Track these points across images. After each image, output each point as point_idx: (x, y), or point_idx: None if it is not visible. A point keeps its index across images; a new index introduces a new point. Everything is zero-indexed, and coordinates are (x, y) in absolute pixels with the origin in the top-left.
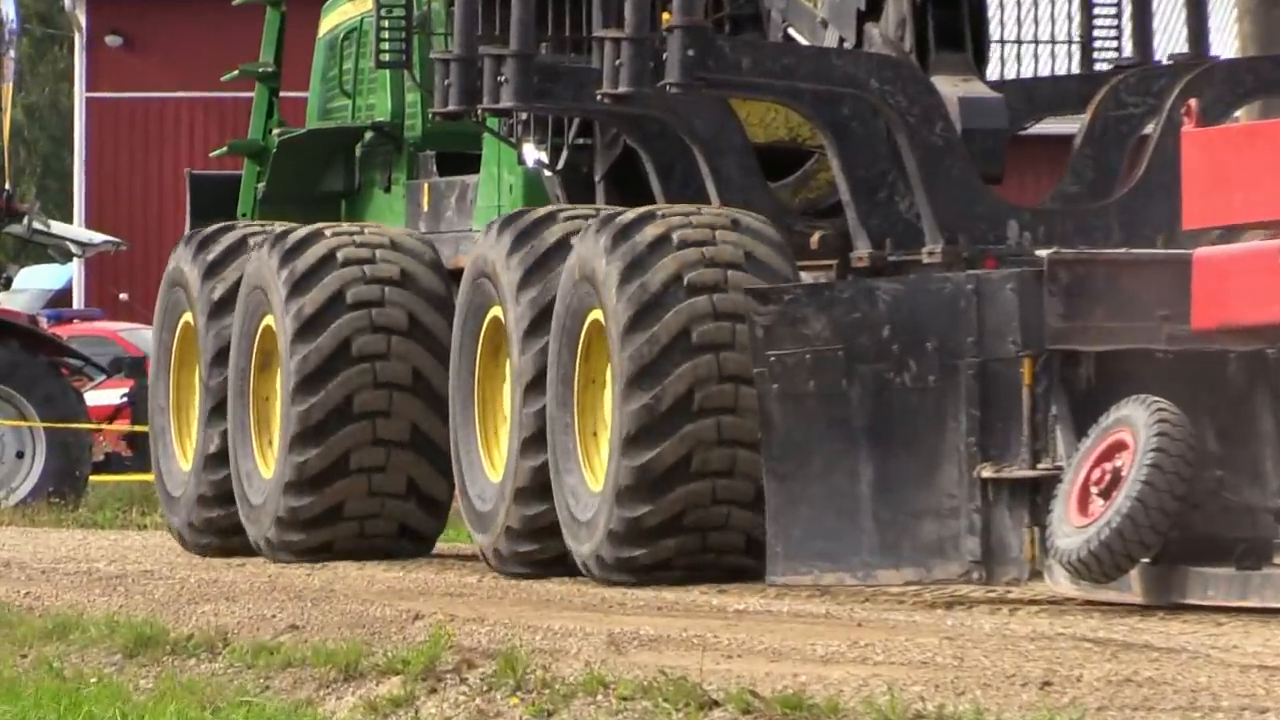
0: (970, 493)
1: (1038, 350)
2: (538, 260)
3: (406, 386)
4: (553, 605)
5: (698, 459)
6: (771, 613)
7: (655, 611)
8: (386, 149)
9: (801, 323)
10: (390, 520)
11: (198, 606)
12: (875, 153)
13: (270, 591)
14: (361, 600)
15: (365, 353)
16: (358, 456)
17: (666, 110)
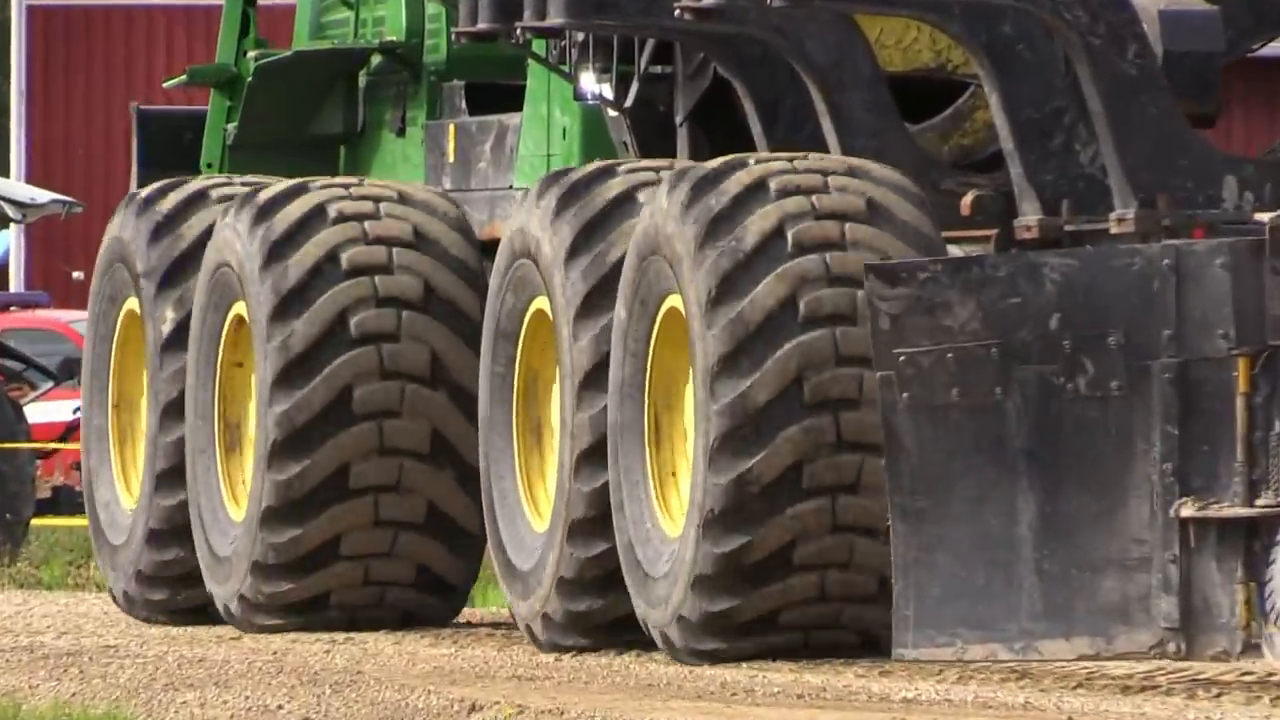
0: (1165, 538)
1: (1257, 347)
2: (590, 224)
3: (423, 378)
4: (656, 692)
5: (808, 473)
6: (951, 702)
7: (794, 700)
8: (400, 78)
9: (941, 310)
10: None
11: (177, 694)
12: (1049, 86)
13: (275, 674)
14: (398, 686)
15: (367, 332)
16: (359, 473)
17: (770, 29)
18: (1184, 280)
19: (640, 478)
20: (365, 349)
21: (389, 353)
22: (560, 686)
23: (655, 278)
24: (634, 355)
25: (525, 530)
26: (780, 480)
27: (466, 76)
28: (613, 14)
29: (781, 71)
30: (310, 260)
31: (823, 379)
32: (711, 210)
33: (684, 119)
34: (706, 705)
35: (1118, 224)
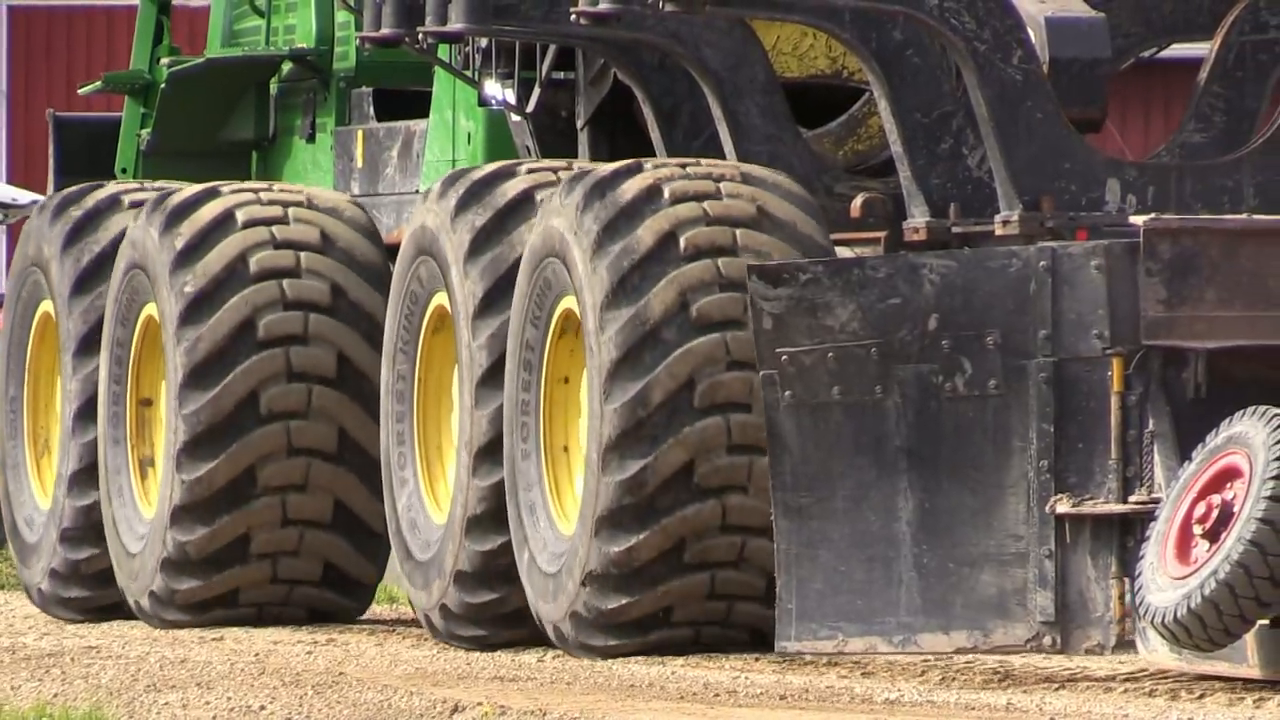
0: (1041, 534)
1: (1131, 347)
2: (489, 224)
3: (329, 379)
4: (638, 693)
5: (699, 473)
6: (934, 704)
7: (777, 701)
8: (310, 85)
9: (823, 310)
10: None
11: (159, 695)
12: (937, 91)
13: (258, 675)
14: (381, 687)
15: (275, 335)
16: (261, 539)
17: (667, 36)
18: (1060, 281)
19: (535, 478)
20: (273, 351)
21: (296, 355)
22: (542, 687)
23: (550, 281)
24: (529, 356)
25: (425, 523)
26: (672, 480)
27: (375, 83)
28: (512, 20)
29: (680, 78)
30: (219, 264)
31: (713, 382)
32: (606, 215)
33: (585, 124)
34: (689, 706)
35: (1003, 226)
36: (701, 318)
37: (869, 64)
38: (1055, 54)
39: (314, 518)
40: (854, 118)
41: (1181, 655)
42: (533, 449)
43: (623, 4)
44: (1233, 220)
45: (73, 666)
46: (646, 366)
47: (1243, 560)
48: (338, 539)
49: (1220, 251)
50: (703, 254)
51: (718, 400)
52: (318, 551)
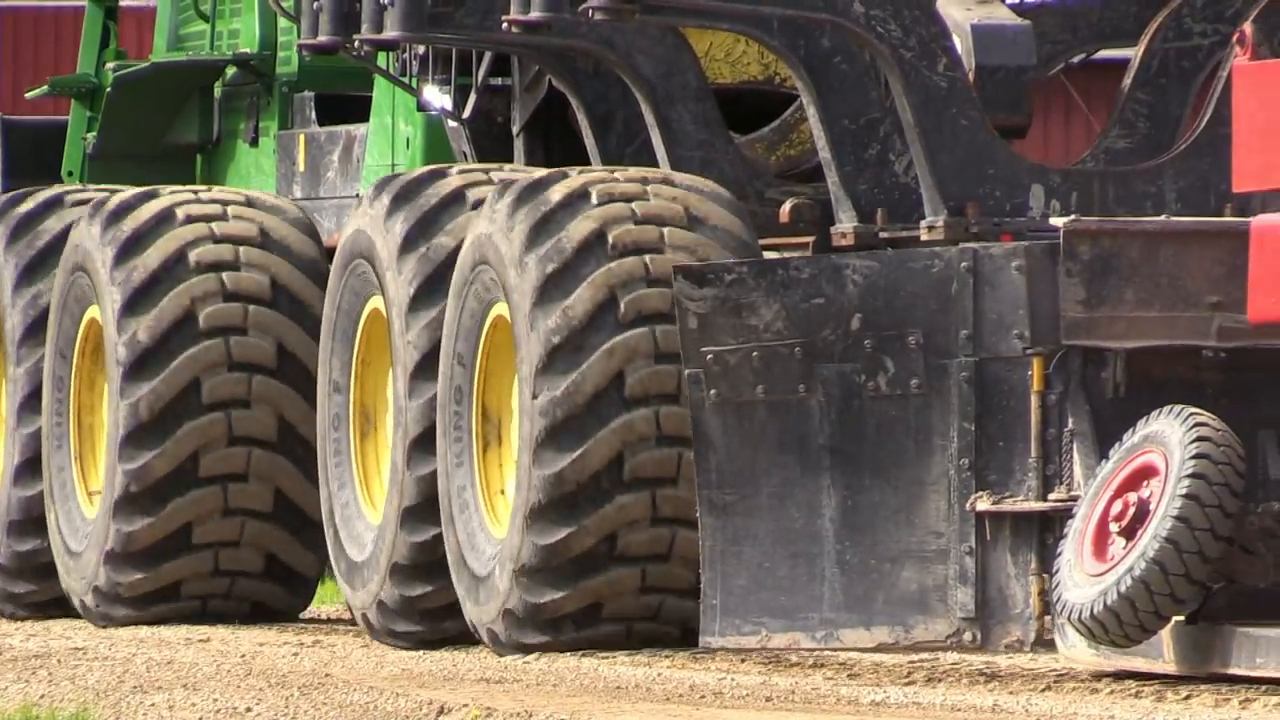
0: (962, 531)
1: (1051, 347)
2: (422, 220)
3: (270, 369)
4: (625, 694)
5: (629, 466)
6: (920, 705)
7: (763, 703)
8: (253, 90)
9: (747, 310)
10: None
11: (146, 696)
12: (865, 98)
13: (244, 676)
14: (367, 688)
15: (215, 325)
16: (203, 530)
17: (600, 42)
18: (981, 282)
19: (468, 480)
20: (213, 341)
21: (236, 345)
22: (528, 689)
23: (482, 288)
24: (462, 362)
25: (360, 523)
26: (602, 473)
27: (317, 88)
28: (447, 27)
29: (614, 84)
30: (159, 258)
31: (642, 375)
32: (535, 216)
33: (520, 129)
34: (675, 708)
35: (928, 231)
36: (629, 312)
37: (797, 71)
38: (981, 61)
39: (255, 507)
40: (786, 124)
41: (1099, 651)
42: (465, 455)
43: (553, 12)
44: (1151, 222)
45: (59, 668)
46: (575, 361)
47: (1158, 557)
48: (279, 530)
49: (1139, 253)
50: (630, 251)
51: (647, 393)
52: (259, 542)
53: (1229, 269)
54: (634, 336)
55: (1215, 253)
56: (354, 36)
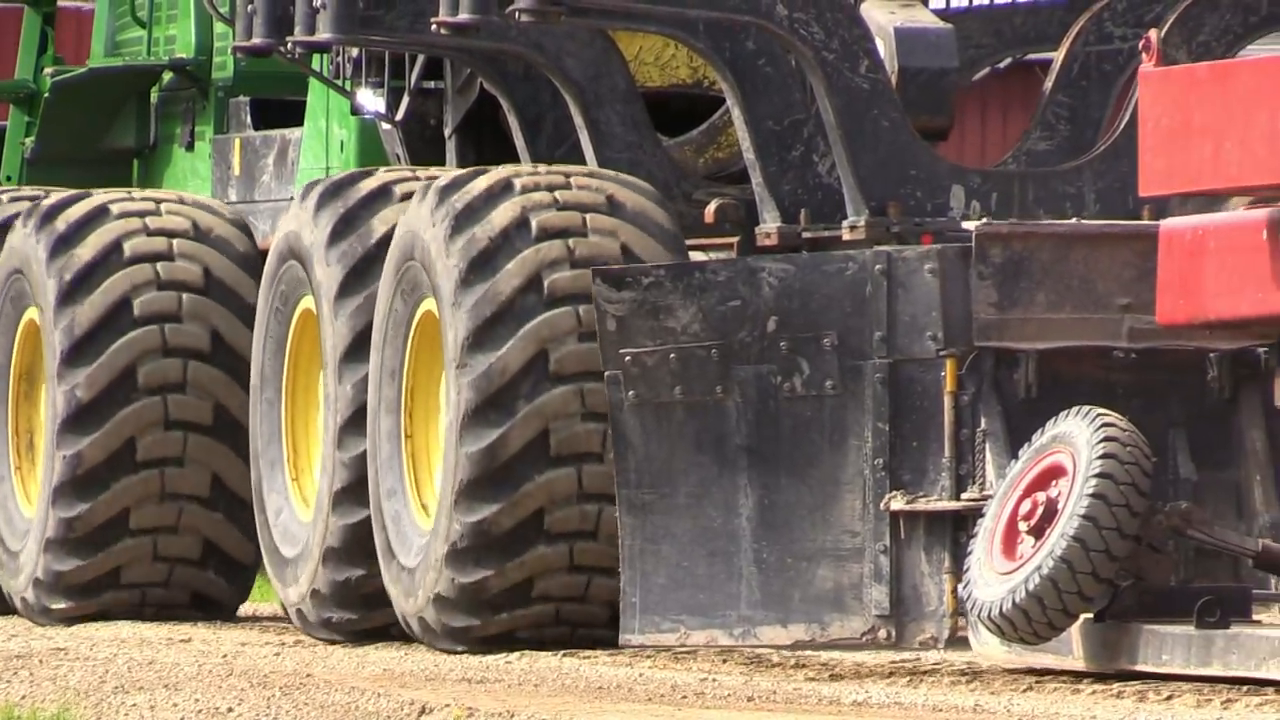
0: (877, 529)
1: (964, 348)
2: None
3: (204, 355)
4: (606, 694)
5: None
6: (901, 705)
7: (745, 703)
8: (189, 94)
9: (665, 313)
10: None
11: (128, 697)
12: (788, 100)
13: (225, 677)
14: (348, 689)
15: (150, 313)
16: (141, 514)
17: (530, 45)
18: (895, 285)
19: (397, 479)
20: (148, 328)
21: (171, 331)
22: (510, 689)
23: (411, 284)
24: (392, 358)
25: (291, 519)
26: (528, 449)
27: (252, 92)
28: (379, 30)
29: (544, 87)
30: (94, 250)
31: (565, 353)
32: (459, 205)
33: (452, 132)
34: (657, 708)
35: (850, 231)
36: (553, 293)
37: (722, 73)
38: (904, 64)
39: (192, 492)
40: (714, 126)
41: (1010, 648)
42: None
43: (480, 14)
44: (1062, 225)
45: (40, 668)
46: (500, 340)
47: (1066, 556)
48: (216, 515)
49: (1050, 255)
50: (553, 235)
51: (570, 370)
52: (196, 527)
53: (1139, 271)
54: (557, 315)
55: (1125, 255)
56: (287, 39)
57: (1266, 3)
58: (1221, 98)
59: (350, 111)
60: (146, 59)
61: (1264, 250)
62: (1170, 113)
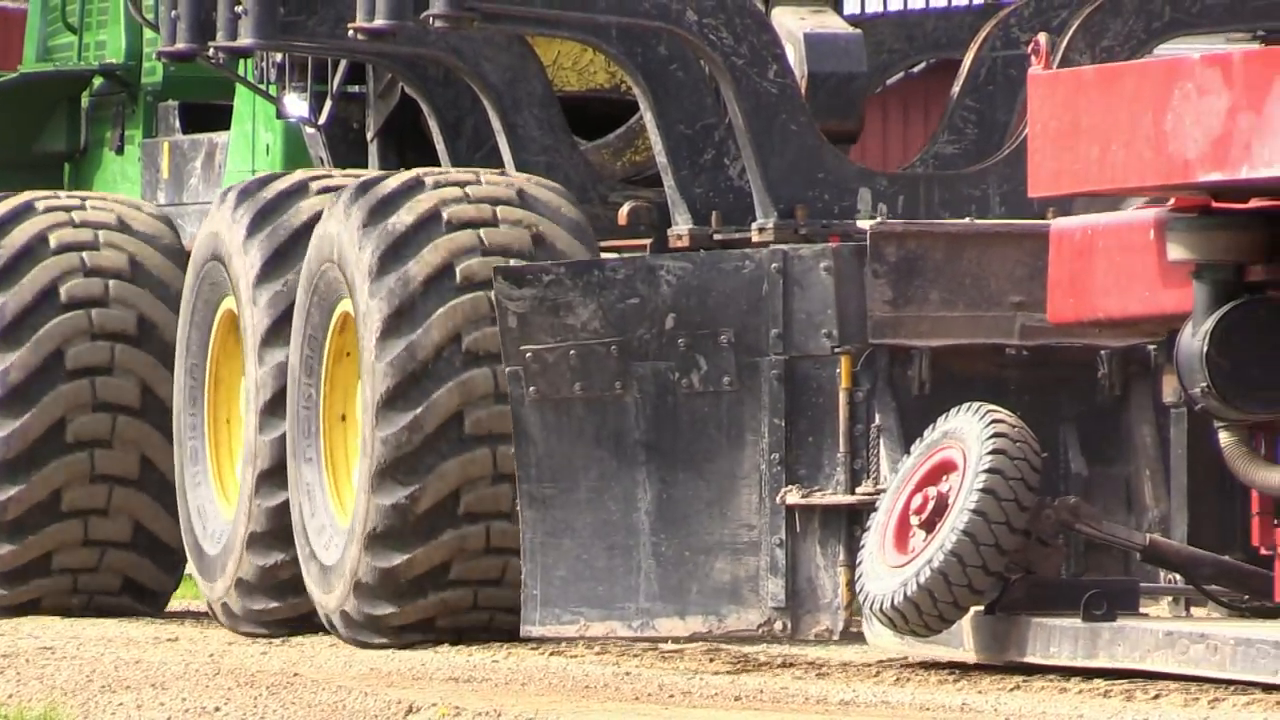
0: (773, 523)
1: (859, 346)
2: (266, 206)
3: (131, 338)
4: (593, 693)
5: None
6: (889, 704)
7: (732, 702)
8: (119, 99)
9: (565, 310)
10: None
11: (114, 696)
12: (700, 104)
13: (213, 676)
14: (335, 688)
15: (76, 298)
16: (72, 496)
17: (448, 50)
18: (791, 283)
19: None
20: (75, 314)
21: (99, 315)
22: (497, 688)
23: (329, 283)
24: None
25: (213, 517)
26: (443, 431)
27: (181, 97)
28: (300, 35)
29: (464, 91)
30: (21, 240)
31: (479, 336)
32: (372, 202)
33: (374, 135)
34: (644, 707)
35: (759, 234)
36: (465, 279)
37: (635, 78)
38: (813, 69)
39: (122, 474)
40: (631, 130)
41: (903, 640)
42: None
43: (396, 19)
44: (955, 225)
45: (27, 667)
46: (414, 326)
47: (956, 549)
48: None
49: (944, 254)
50: (464, 226)
51: (484, 352)
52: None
53: (1031, 270)
54: (470, 300)
55: (1017, 254)
56: (210, 44)
57: (1169, 8)
58: (1108, 100)
59: (276, 116)
60: (77, 64)
61: (1151, 250)
62: (1058, 115)
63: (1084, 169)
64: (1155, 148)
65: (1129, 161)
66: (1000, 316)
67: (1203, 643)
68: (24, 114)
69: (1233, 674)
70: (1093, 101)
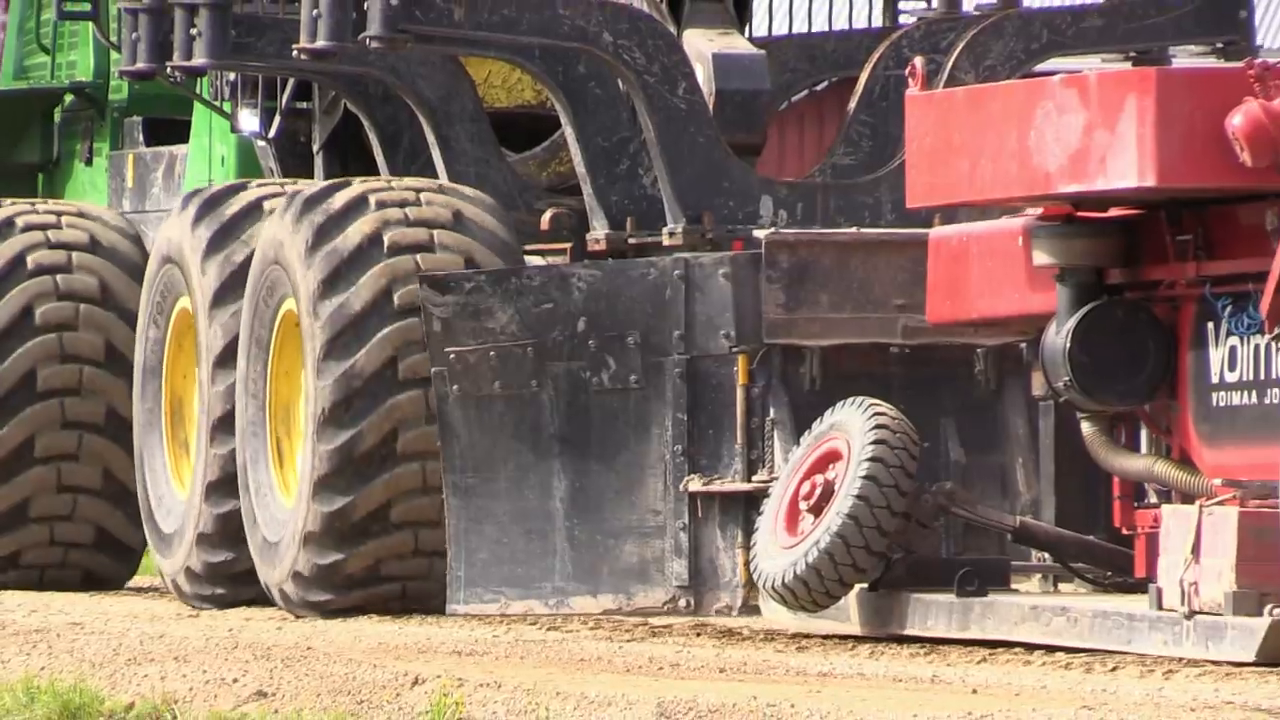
0: (676, 509)
1: (754, 345)
2: (226, 241)
3: (94, 299)
4: (588, 666)
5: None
6: (864, 676)
7: (717, 674)
8: (88, 115)
9: (485, 315)
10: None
11: (140, 668)
12: (616, 119)
13: (231, 649)
14: (346, 660)
15: (41, 265)
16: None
17: (387, 69)
18: (692, 288)
19: (261, 458)
20: (47, 336)
21: (69, 340)
22: (498, 661)
23: (273, 286)
24: (257, 353)
25: (170, 499)
26: (379, 448)
27: (145, 113)
28: (250, 55)
29: (401, 107)
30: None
31: (412, 360)
32: (319, 221)
33: (320, 147)
34: (635, 679)
35: (669, 238)
36: (403, 304)
37: (556, 95)
38: (721, 86)
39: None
40: (555, 144)
41: (795, 615)
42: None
43: (336, 41)
44: (843, 233)
45: (58, 641)
46: (354, 348)
47: (841, 532)
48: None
49: (833, 261)
50: (404, 250)
51: (418, 375)
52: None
53: (912, 275)
54: (406, 325)
55: (900, 260)
56: (168, 64)
57: (1046, 31)
58: (977, 119)
59: (230, 130)
60: (50, 82)
61: (1019, 255)
62: (933, 133)
63: (956, 182)
64: (1020, 162)
65: (996, 175)
66: (884, 318)
67: (1064, 615)
68: (1, 128)
69: (1091, 644)
70: (963, 120)
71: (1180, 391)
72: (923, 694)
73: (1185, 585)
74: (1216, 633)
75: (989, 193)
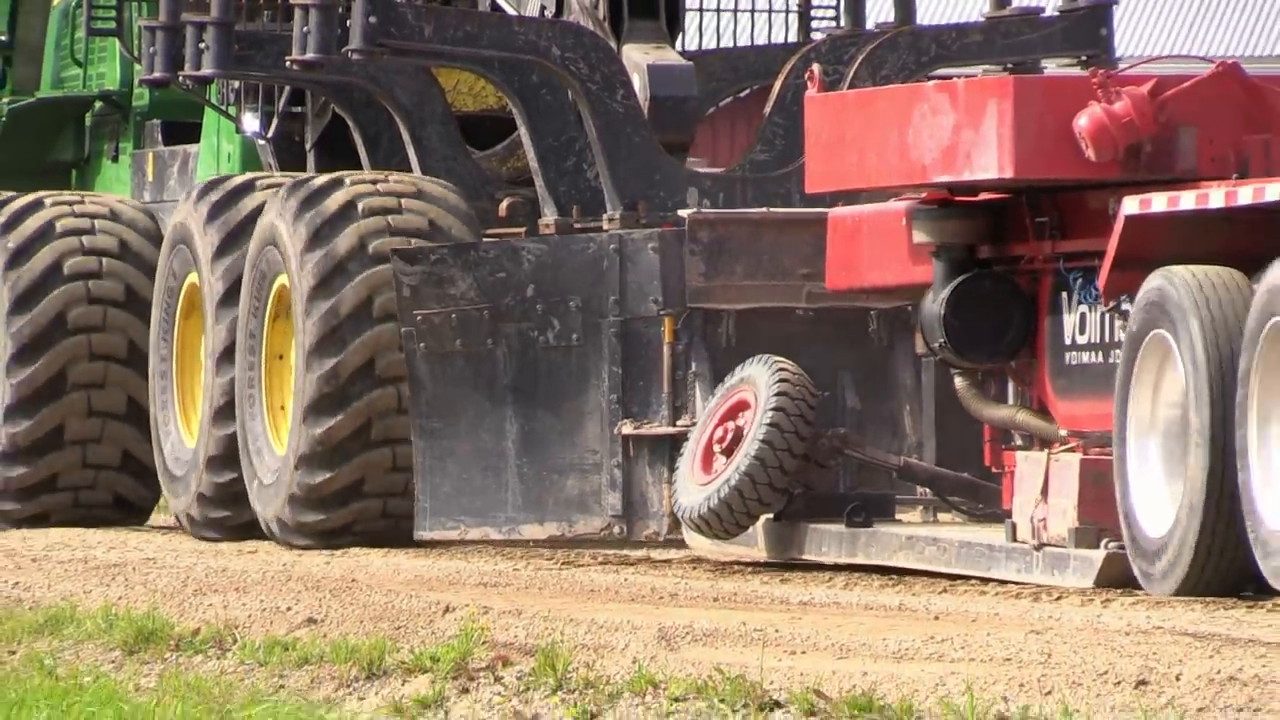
0: (612, 449)
1: (678, 309)
2: (233, 228)
3: (122, 359)
4: (597, 596)
5: (379, 366)
6: (839, 604)
7: (711, 603)
8: (115, 118)
9: (448, 282)
10: (105, 490)
11: (204, 598)
12: (564, 121)
13: (285, 581)
14: (386, 591)
15: (81, 325)
16: (73, 428)
17: (369, 79)
18: (625, 260)
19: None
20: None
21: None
22: (519, 592)
23: (270, 263)
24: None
25: (180, 447)
26: (359, 373)
27: (163, 116)
28: (251, 66)
29: (381, 111)
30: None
31: (387, 299)
32: (304, 195)
33: (312, 146)
34: (639, 606)
35: (609, 223)
36: (376, 253)
37: (512, 100)
38: (654, 93)
39: (112, 410)
40: (514, 142)
41: (712, 542)
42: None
43: (323, 54)
44: (756, 212)
45: (134, 574)
46: (337, 288)
47: (749, 471)
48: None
49: (746, 236)
50: (375, 213)
51: (391, 312)
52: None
53: (815, 249)
54: (380, 270)
55: (804, 236)
56: (180, 74)
57: (934, 45)
58: (865, 117)
59: (235, 131)
60: (82, 91)
61: (903, 234)
62: (828, 128)
63: (847, 171)
64: (900, 155)
65: (880, 165)
66: (791, 285)
67: (935, 545)
68: (40, 131)
69: (956, 569)
70: (854, 118)
71: (1039, 351)
72: (891, 619)
73: (1035, 521)
74: (1061, 563)
75: (875, 180)
